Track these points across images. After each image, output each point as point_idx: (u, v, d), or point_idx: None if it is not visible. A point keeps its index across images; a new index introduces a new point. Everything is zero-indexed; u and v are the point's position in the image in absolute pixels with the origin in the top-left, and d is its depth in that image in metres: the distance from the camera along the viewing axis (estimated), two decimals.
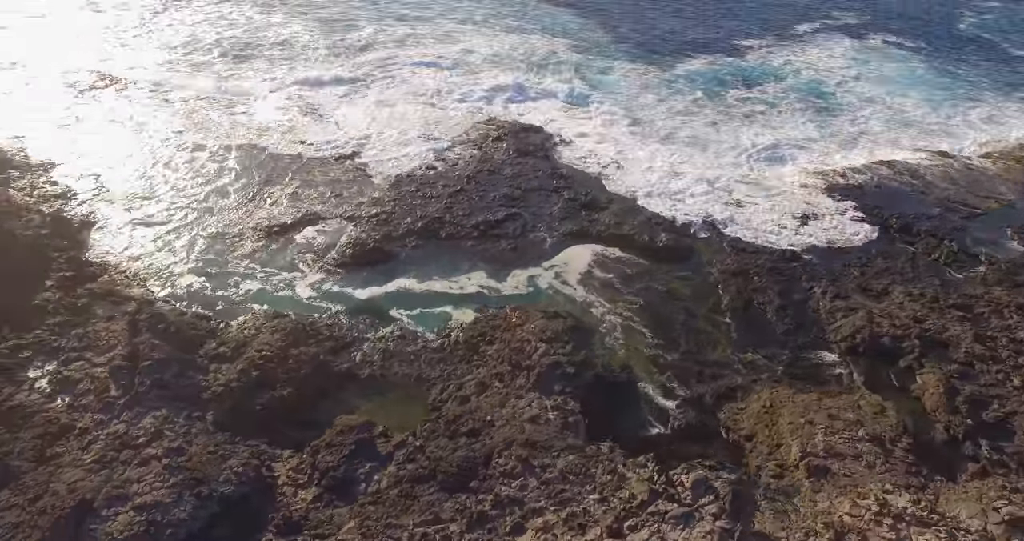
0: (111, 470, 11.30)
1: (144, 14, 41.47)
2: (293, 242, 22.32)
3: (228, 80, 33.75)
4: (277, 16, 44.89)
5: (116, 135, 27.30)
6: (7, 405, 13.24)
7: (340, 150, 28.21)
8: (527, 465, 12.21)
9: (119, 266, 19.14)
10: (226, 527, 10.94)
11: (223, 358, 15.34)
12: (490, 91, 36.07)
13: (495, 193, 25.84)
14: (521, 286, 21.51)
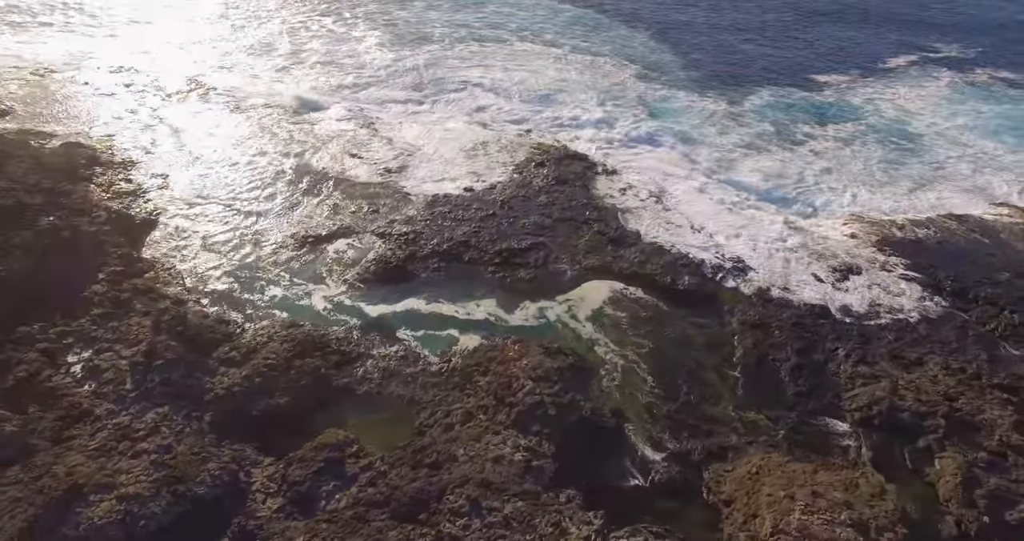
0: (107, 459, 12.80)
1: (236, 24, 45.16)
2: (324, 253, 23.81)
3: (299, 90, 36.18)
4: (357, 30, 47.60)
5: (189, 138, 30.03)
6: (44, 385, 15.19)
7: (386, 165, 29.67)
8: (475, 505, 12.69)
9: (165, 264, 21.22)
10: (194, 526, 12.11)
11: (232, 362, 16.74)
12: (545, 115, 36.74)
13: (525, 220, 26.38)
14: (531, 318, 21.91)
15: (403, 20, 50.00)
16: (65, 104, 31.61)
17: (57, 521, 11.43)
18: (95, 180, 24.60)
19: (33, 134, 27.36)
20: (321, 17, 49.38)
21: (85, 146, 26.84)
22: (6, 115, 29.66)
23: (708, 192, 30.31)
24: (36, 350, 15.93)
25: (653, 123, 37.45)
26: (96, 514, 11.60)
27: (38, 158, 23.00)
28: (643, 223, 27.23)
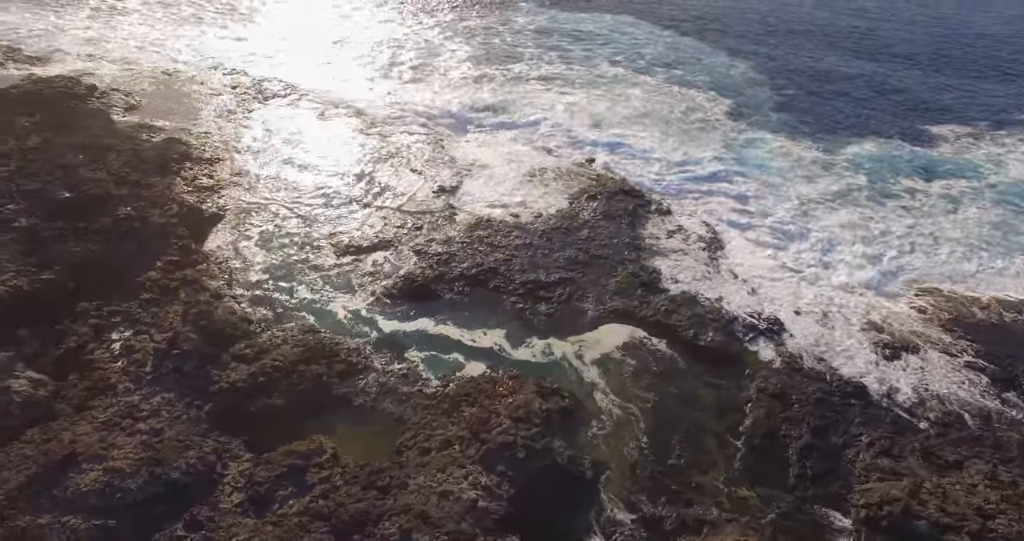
0: (108, 433, 14.74)
1: (345, 35, 48.95)
2: (362, 264, 25.38)
3: (383, 100, 38.64)
4: (453, 42, 49.94)
5: (273, 140, 33.08)
6: (85, 357, 17.66)
7: (442, 183, 31.03)
8: (406, 536, 13.29)
9: (217, 258, 23.67)
10: (161, 507, 13.68)
11: (244, 359, 18.48)
12: (615, 146, 36.66)
13: (560, 254, 26.60)
14: (537, 354, 22.15)
15: (499, 37, 51.70)
16: (180, 102, 35.89)
17: (51, 482, 13.39)
18: (182, 174, 27.82)
19: (146, 128, 31.39)
20: (425, 30, 52.27)
21: (182, 142, 30.36)
22: (134, 109, 34.17)
23: (765, 244, 28.97)
24: (88, 325, 18.51)
25: (731, 164, 36.27)
26: (83, 481, 13.45)
27: (138, 151, 26.40)
28: (682, 270, 26.55)
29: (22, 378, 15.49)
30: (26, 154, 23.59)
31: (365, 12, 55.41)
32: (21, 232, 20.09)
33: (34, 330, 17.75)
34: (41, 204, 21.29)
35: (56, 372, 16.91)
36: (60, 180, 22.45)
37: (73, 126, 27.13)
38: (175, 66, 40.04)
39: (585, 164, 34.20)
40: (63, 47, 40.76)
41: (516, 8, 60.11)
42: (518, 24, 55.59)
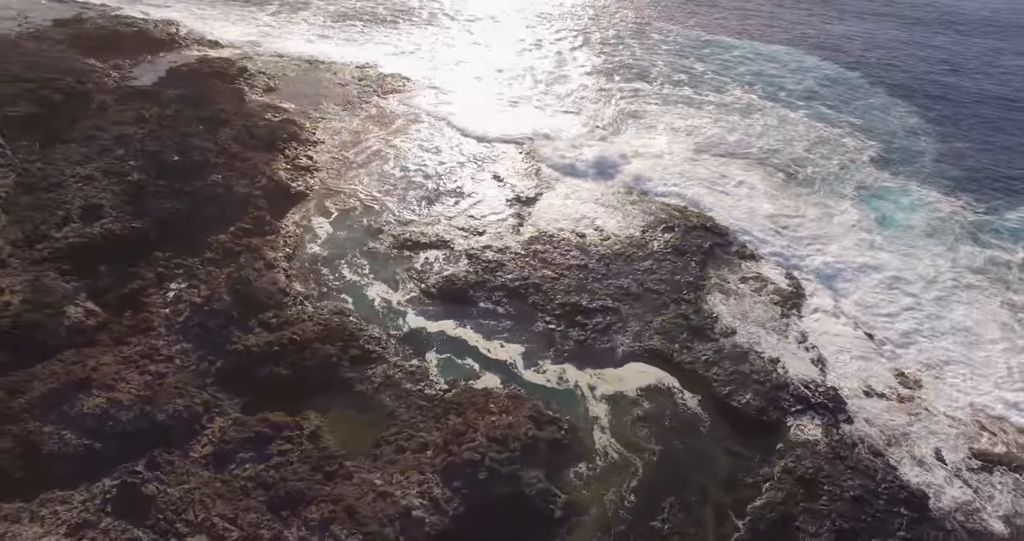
0: (124, 367, 16.84)
1: (485, 40, 51.14)
2: (414, 259, 26.36)
3: (500, 114, 39.62)
4: (580, 53, 50.08)
5: (373, 132, 35.51)
6: (142, 299, 20.30)
7: (519, 193, 31.25)
8: (324, 525, 13.61)
9: (286, 232, 25.93)
10: (141, 442, 15.35)
11: (267, 327, 20.11)
12: (719, 178, 34.55)
13: (612, 281, 25.62)
14: (551, 378, 21.50)
15: (630, 53, 50.90)
16: (312, 89, 39.83)
17: (64, 399, 15.60)
18: (285, 152, 30.84)
19: (272, 108, 35.27)
20: (557, 41, 53.02)
21: (296, 123, 33.65)
22: (270, 91, 38.58)
23: (859, 320, 25.48)
24: (155, 272, 21.26)
25: (854, 213, 32.65)
26: (87, 404, 15.51)
27: (250, 128, 29.76)
28: (744, 321, 24.32)
29: (80, 307, 18.24)
30: (162, 120, 27.69)
31: (511, 28, 57.33)
32: (130, 184, 23.63)
33: (112, 268, 20.78)
34: (154, 164, 24.87)
35: (114, 307, 19.64)
36: (175, 145, 26.06)
37: (208, 100, 31.25)
38: (319, 56, 44.39)
39: (679, 194, 32.53)
40: (239, 35, 46.97)
41: (650, 28, 58.73)
42: (651, 41, 54.29)
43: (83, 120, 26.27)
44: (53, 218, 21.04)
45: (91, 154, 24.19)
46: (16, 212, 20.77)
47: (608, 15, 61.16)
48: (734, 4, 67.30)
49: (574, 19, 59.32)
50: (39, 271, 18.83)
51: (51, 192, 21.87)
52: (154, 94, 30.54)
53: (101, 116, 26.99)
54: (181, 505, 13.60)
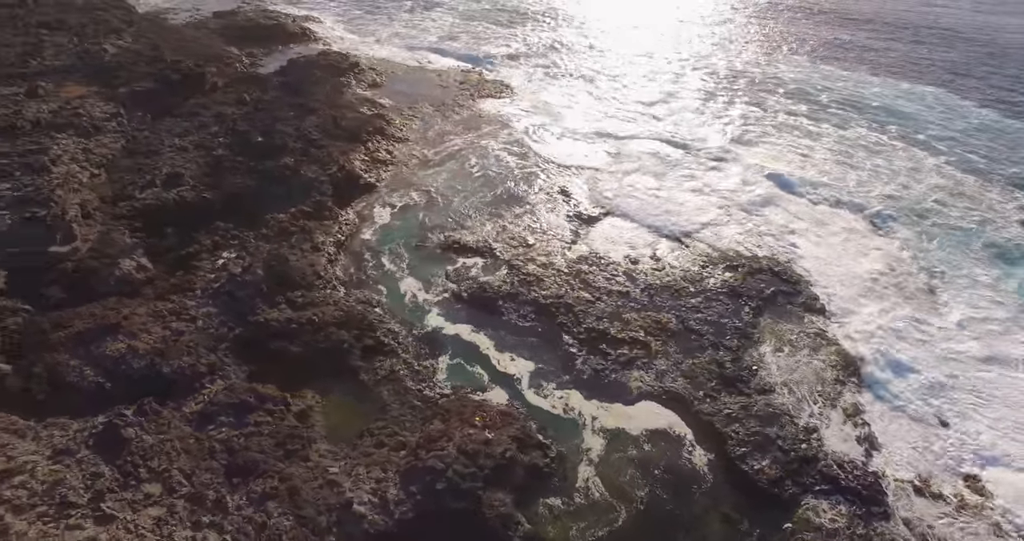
0: (152, 320, 18.67)
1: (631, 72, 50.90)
2: (455, 262, 26.69)
3: (592, 132, 39.30)
4: (695, 78, 48.20)
5: (460, 134, 36.54)
6: (193, 262, 22.41)
7: (581, 211, 30.60)
8: (263, 500, 14.10)
9: (344, 220, 27.39)
10: (142, 390, 16.91)
11: (292, 305, 21.39)
12: (825, 219, 31.70)
13: (651, 314, 24.26)
14: (555, 403, 20.76)
15: (747, 82, 48.17)
16: (413, 87, 41.89)
17: (94, 339, 17.60)
18: (367, 145, 32.67)
19: (369, 102, 37.54)
20: (675, 65, 51.45)
21: (386, 119, 35.54)
22: (376, 87, 41.14)
23: (934, 403, 22.09)
24: (212, 240, 23.40)
25: (982, 277, 28.67)
26: (111, 347, 17.40)
27: (338, 119, 31.89)
28: (787, 381, 22.03)
29: (134, 262, 20.54)
30: (258, 104, 30.53)
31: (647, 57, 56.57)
32: (212, 158, 26.26)
33: (176, 231, 23.19)
34: (239, 141, 27.45)
35: (168, 266, 21.89)
36: (262, 127, 28.59)
37: (307, 90, 33.92)
38: (430, 57, 46.56)
39: (757, 235, 30.24)
40: (366, 33, 50.58)
41: (777, 59, 54.98)
42: (775, 71, 50.90)
43: (192, 98, 29.70)
44: (141, 181, 23.96)
45: (190, 128, 27.27)
46: (114, 173, 23.91)
47: (737, 44, 58.27)
48: (877, 41, 61.44)
49: (699, 43, 57.27)
50: (113, 226, 21.52)
51: (147, 158, 24.95)
52: (263, 80, 33.71)
53: (209, 96, 30.31)
54: (150, 453, 14.80)
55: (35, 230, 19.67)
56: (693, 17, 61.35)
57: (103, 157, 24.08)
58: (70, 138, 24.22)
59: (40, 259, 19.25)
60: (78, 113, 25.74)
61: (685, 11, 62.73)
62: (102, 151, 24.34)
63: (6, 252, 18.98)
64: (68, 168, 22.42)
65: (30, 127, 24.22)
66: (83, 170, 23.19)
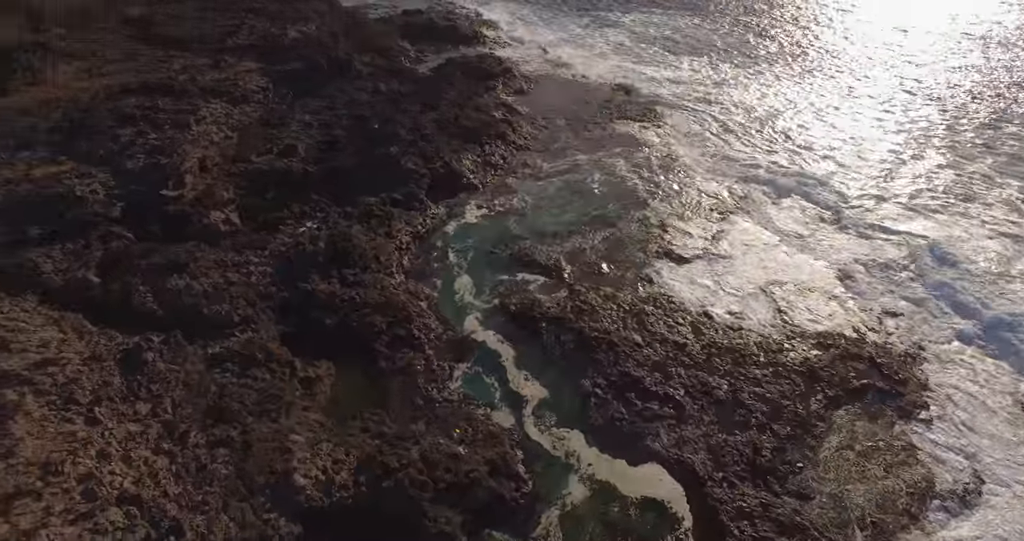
0: (214, 267, 21.37)
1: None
2: (519, 274, 26.59)
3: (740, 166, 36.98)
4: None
5: (589, 155, 36.40)
6: (278, 226, 25.18)
7: (682, 252, 28.51)
8: (214, 443, 15.50)
9: (431, 211, 28.89)
10: (189, 322, 19.53)
11: (342, 281, 23.10)
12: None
13: (705, 375, 22.10)
14: (553, 442, 19.77)
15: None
16: (557, 99, 42.57)
17: (164, 272, 20.66)
18: (484, 146, 34.02)
19: (506, 107, 38.91)
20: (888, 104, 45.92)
21: (514, 125, 36.57)
22: (520, 94, 42.61)
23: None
24: (300, 209, 26.12)
25: None
26: (171, 282, 20.34)
27: (459, 118, 33.58)
28: (834, 493, 18.72)
29: (224, 214, 23.72)
30: (391, 95, 33.30)
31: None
32: (329, 137, 29.26)
33: (275, 195, 26.29)
34: (357, 126, 30.24)
35: (256, 225, 24.91)
36: (383, 116, 31.15)
37: (444, 87, 36.25)
38: (589, 72, 46.94)
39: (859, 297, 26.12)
40: (535, 41, 52.47)
41: None
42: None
43: (335, 83, 33.36)
44: (261, 148, 27.57)
45: (321, 108, 30.69)
46: (244, 138, 27.82)
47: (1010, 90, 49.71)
48: None
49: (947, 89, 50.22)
50: (223, 181, 25.07)
51: (274, 129, 28.63)
52: (408, 73, 36.68)
53: (352, 82, 33.81)
54: (157, 377, 17.07)
55: (156, 174, 23.73)
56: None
57: (239, 123, 28.29)
58: (220, 104, 28.91)
59: (152, 199, 23.14)
60: (236, 84, 30.59)
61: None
62: (241, 118, 28.61)
63: (129, 188, 23.17)
64: (206, 128, 26.77)
65: (196, 91, 29.31)
66: (219, 131, 27.47)
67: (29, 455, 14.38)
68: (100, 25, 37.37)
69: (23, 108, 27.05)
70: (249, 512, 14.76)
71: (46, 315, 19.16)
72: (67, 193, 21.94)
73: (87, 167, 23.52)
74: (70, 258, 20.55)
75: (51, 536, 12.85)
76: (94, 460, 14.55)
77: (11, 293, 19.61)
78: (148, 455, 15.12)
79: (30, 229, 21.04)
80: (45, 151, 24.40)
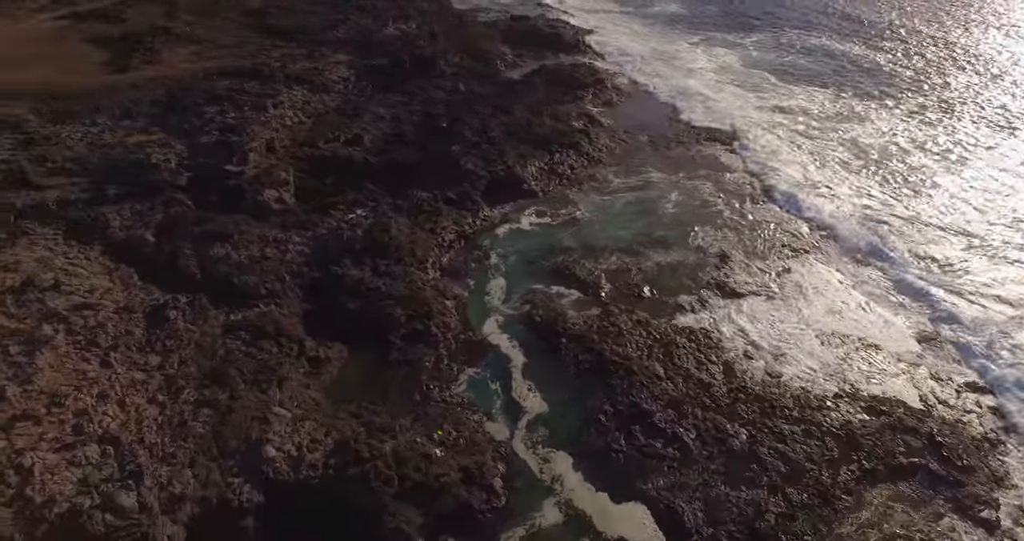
0: (255, 242, 22.97)
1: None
2: (554, 286, 26.06)
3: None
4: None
5: (666, 175, 35.30)
6: (329, 210, 26.59)
7: (736, 286, 26.69)
8: (201, 404, 16.61)
9: (484, 213, 29.27)
10: (219, 289, 21.18)
11: (373, 270, 23.98)
12: None
13: (721, 420, 20.55)
14: (539, 461, 19.19)
15: None
16: (643, 114, 41.58)
17: (211, 240, 22.57)
18: (554, 155, 33.96)
19: (588, 118, 38.58)
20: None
21: (591, 137, 36.12)
22: (607, 105, 42.11)
23: None
24: (354, 196, 27.46)
25: None
26: (214, 249, 22.17)
27: (532, 125, 33.87)
28: None
29: (276, 193, 25.45)
30: (468, 95, 34.13)
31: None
32: (398, 131, 30.49)
33: (334, 180, 27.87)
34: (426, 123, 31.29)
35: (309, 207, 26.49)
36: (453, 115, 32.02)
37: (526, 92, 36.69)
38: (681, 87, 45.51)
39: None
40: (636, 54, 51.63)
41: None
42: None
43: (416, 80, 34.65)
44: (330, 135, 29.26)
45: (396, 103, 32.04)
46: (318, 124, 29.66)
47: None
48: None
49: None
50: (286, 163, 26.89)
51: (347, 119, 30.27)
52: (492, 76, 37.43)
53: (433, 80, 35.00)
54: (174, 334, 18.70)
55: (224, 150, 25.92)
56: None
57: (316, 110, 30.25)
58: (301, 91, 31.10)
59: (216, 172, 25.31)
60: (321, 74, 32.77)
61: None
62: (319, 106, 30.58)
63: (199, 161, 25.51)
64: (282, 112, 28.92)
65: (282, 78, 31.73)
66: (294, 116, 29.55)
67: (43, 385, 16.23)
68: (223, 15, 41.64)
69: (135, 83, 30.74)
70: (216, 472, 15.67)
71: (103, 265, 21.53)
72: (145, 160, 24.65)
73: (171, 138, 26.30)
74: (135, 217, 23.01)
75: (35, 459, 14.38)
76: (93, 399, 16.12)
77: (81, 241, 22.24)
78: (142, 403, 16.51)
79: (108, 188, 23.81)
80: (142, 121, 27.57)
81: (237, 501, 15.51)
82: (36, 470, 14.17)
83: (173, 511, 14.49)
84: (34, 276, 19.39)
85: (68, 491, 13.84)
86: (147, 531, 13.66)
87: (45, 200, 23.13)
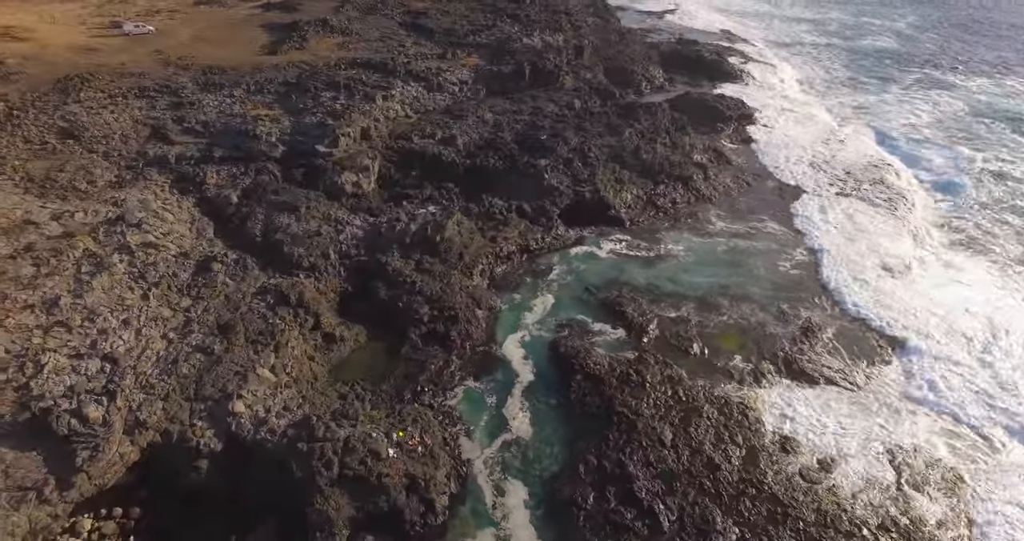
0: (317, 218, 25.32)
1: None
2: (596, 323, 25.20)
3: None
4: None
5: (775, 210, 32.40)
6: (403, 201, 28.39)
7: (806, 370, 23.86)
8: (204, 344, 18.73)
9: (557, 231, 29.24)
10: (270, 256, 23.78)
11: (418, 266, 25.18)
12: None
13: (704, 512, 18.53)
14: (496, 493, 18.83)
15: None
16: (785, 153, 38.28)
17: (280, 210, 25.30)
18: (659, 185, 32.86)
19: (714, 152, 36.66)
20: None
21: (707, 173, 34.28)
22: (746, 142, 39.43)
23: None
24: (430, 192, 28.97)
25: None
26: (279, 219, 24.83)
27: (641, 152, 32.93)
28: None
29: (355, 176, 27.66)
30: (581, 112, 34.06)
31: None
32: (494, 137, 31.46)
33: (419, 174, 29.80)
34: (524, 133, 31.87)
35: (387, 194, 28.56)
36: (551, 131, 32.20)
37: (645, 118, 35.74)
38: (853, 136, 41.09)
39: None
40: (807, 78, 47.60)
41: None
42: None
43: (533, 89, 35.26)
44: (428, 131, 31.05)
45: (505, 110, 32.98)
46: (421, 121, 31.63)
47: None
48: None
49: None
50: (376, 151, 29.12)
51: (451, 118, 31.81)
52: (619, 96, 37.02)
53: (548, 92, 35.44)
54: (211, 286, 21.38)
55: (321, 131, 28.72)
56: None
57: (424, 107, 32.21)
58: (416, 87, 33.29)
59: (308, 150, 28.20)
60: (437, 74, 34.72)
61: None
62: (428, 103, 32.51)
63: (296, 139, 28.59)
64: (389, 104, 31.24)
65: (403, 73, 34.21)
66: (401, 110, 31.73)
67: (89, 301, 19.52)
68: (384, 12, 45.87)
69: (278, 65, 35.24)
70: (185, 411, 17.68)
71: (191, 214, 25.19)
72: (253, 130, 28.24)
73: (284, 115, 29.80)
74: (228, 178, 26.58)
75: (51, 359, 17.39)
76: (118, 323, 19.04)
77: (182, 192, 26.22)
78: (154, 336, 19.14)
79: (217, 150, 27.74)
80: (269, 98, 31.63)
81: (196, 442, 17.26)
82: (47, 368, 17.13)
83: (133, 433, 16.59)
84: (127, 213, 23.34)
85: (57, 392, 16.58)
86: (100, 443, 15.84)
87: (169, 153, 27.62)
